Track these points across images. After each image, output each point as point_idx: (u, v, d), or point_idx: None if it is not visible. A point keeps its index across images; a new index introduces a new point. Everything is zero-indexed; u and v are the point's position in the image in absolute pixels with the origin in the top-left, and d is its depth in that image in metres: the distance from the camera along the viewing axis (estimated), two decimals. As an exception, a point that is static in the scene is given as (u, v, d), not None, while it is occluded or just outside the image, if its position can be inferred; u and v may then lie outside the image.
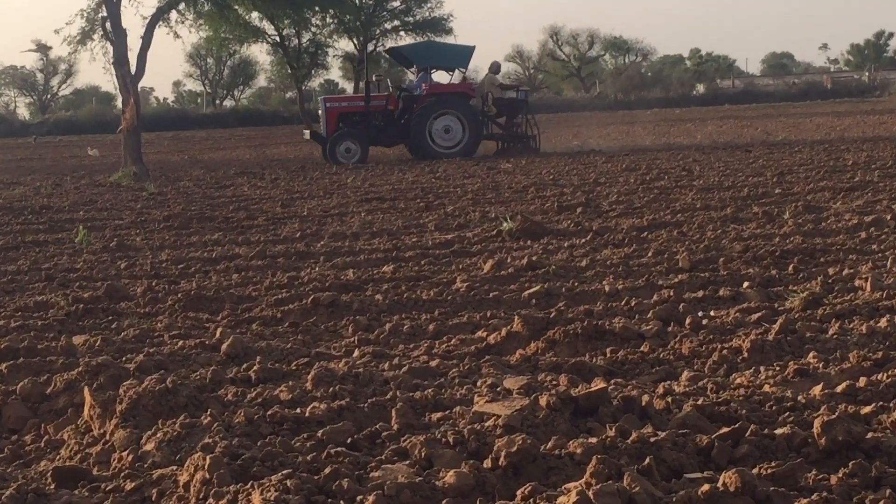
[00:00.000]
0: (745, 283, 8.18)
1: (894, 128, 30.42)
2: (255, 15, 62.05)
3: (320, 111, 27.16)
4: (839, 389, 4.92)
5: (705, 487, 3.62)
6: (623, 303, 7.74)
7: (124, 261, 10.90)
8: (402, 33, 64.14)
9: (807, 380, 5.29)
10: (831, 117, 40.51)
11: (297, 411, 4.85)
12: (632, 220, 12.37)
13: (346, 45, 63.89)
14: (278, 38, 64.24)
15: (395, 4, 63.20)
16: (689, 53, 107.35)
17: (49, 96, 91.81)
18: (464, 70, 27.63)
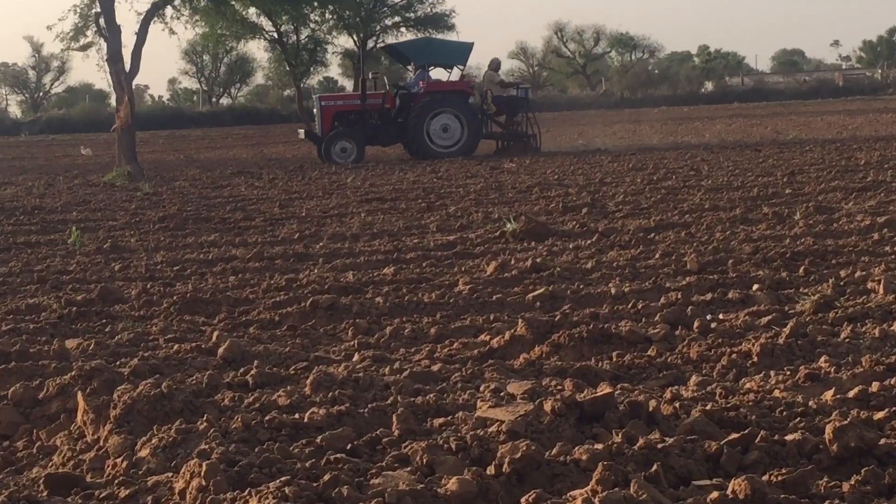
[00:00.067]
0: (755, 286, 8.18)
1: (908, 126, 30.42)
2: (252, 11, 62.17)
3: (315, 110, 27.17)
4: (851, 394, 4.92)
5: (714, 495, 3.62)
6: (630, 306, 7.74)
7: (118, 262, 10.91)
8: (403, 29, 64.15)
9: (818, 385, 5.28)
10: (843, 116, 40.51)
11: (296, 417, 4.86)
12: (638, 221, 12.37)
13: (345, 41, 63.96)
14: (276, 35, 64.28)
15: (396, 0, 63.18)
16: (697, 50, 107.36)
17: (41, 94, 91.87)
18: (462, 67, 27.60)
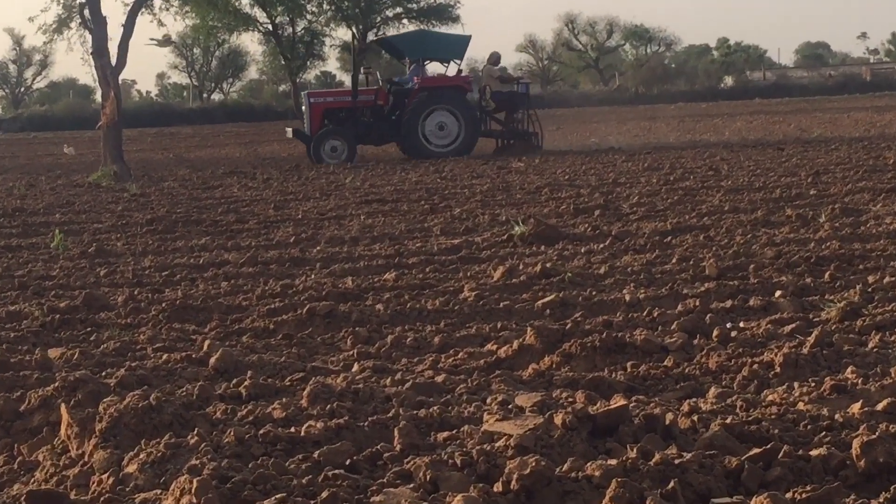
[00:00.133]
0: (778, 293, 8.18)
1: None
2: (245, 1, 62.21)
3: (303, 107, 27.10)
4: (880, 407, 4.91)
5: (734, 513, 3.62)
6: (645, 313, 7.74)
7: (104, 268, 10.92)
8: (406, 21, 64.24)
9: (844, 397, 5.28)
10: (871, 112, 40.50)
11: (292, 430, 4.86)
12: (654, 224, 12.37)
13: (344, 33, 64.18)
14: (271, 27, 64.38)
15: (398, -10, 63.20)
16: (716, 43, 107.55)
17: (22, 89, 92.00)
18: (459, 61, 27.58)
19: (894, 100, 52.93)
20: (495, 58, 28.61)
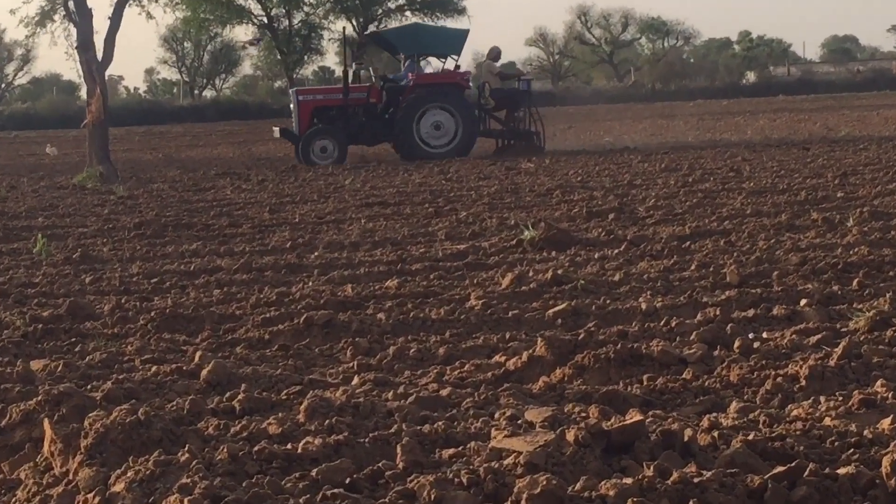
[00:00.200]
0: (803, 301, 8.17)
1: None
2: (239, -8, 62.25)
3: (291, 105, 27.06)
4: (911, 423, 4.92)
5: (757, 535, 3.62)
6: (662, 323, 7.74)
7: (89, 274, 10.93)
8: (409, 13, 64.35)
9: (874, 412, 5.28)
10: (902, 110, 40.50)
11: (288, 447, 4.86)
12: (672, 228, 12.37)
13: (343, 26, 64.11)
14: (266, 19, 64.52)
15: (400, -19, 63.32)
16: (737, 37, 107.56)
17: (3, 85, 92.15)
18: (457, 57, 27.57)
19: (926, 96, 52.94)
20: (495, 53, 28.57)
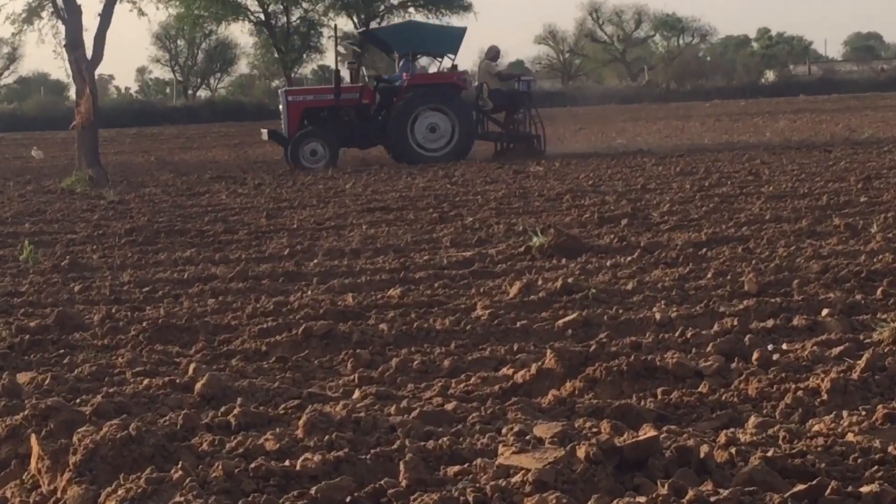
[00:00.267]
0: (825, 311, 8.17)
1: None
2: (235, -12, 62.31)
3: (280, 106, 27.01)
4: (938, 439, 4.92)
5: (777, 556, 3.63)
6: (677, 334, 7.74)
7: (78, 283, 10.94)
8: (412, 10, 64.36)
9: (899, 427, 5.28)
10: (928, 110, 40.47)
11: (286, 464, 4.87)
12: (687, 235, 12.37)
13: (344, 23, 64.21)
14: (263, 16, 64.58)
15: (403, -25, 63.41)
16: (756, 34, 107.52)
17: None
18: (453, 56, 27.52)
19: (954, 96, 52.90)
20: (493, 52, 28.53)
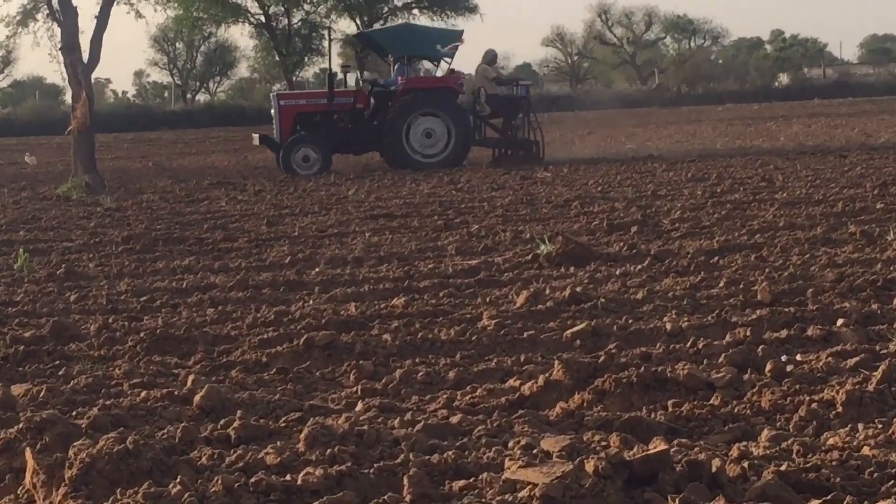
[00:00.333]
0: (840, 321, 8.16)
1: None
2: (234, -11, 62.36)
3: (272, 110, 27.00)
4: (956, 453, 4.91)
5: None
6: (688, 344, 7.74)
7: (74, 292, 10.95)
8: (416, 11, 64.42)
9: (916, 441, 5.27)
10: (946, 114, 40.47)
11: (287, 478, 4.87)
12: (699, 243, 12.37)
13: (347, 25, 64.38)
14: (263, 18, 64.65)
15: (407, -24, 63.46)
16: (769, 36, 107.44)
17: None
18: (450, 60, 27.53)
19: (973, 100, 52.88)
20: (490, 56, 28.45)
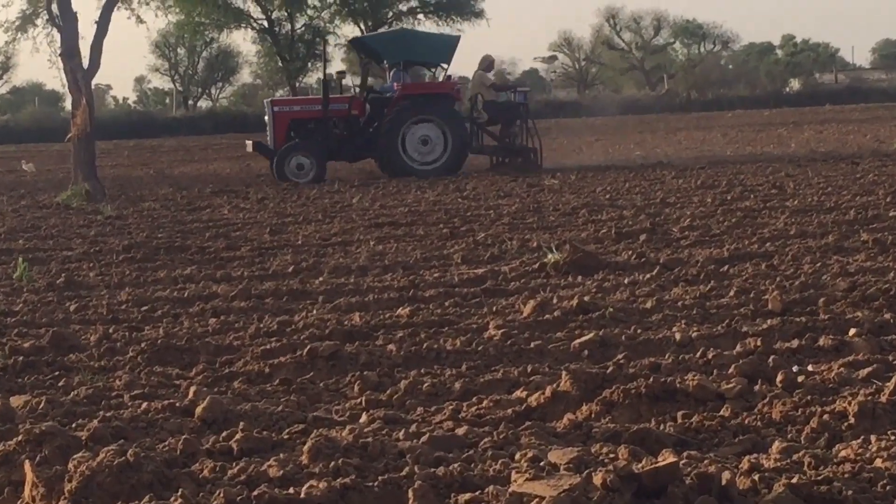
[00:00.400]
0: (852, 331, 8.16)
1: None
2: (237, -6, 62.35)
3: (266, 117, 26.98)
4: (971, 465, 4.91)
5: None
6: (698, 355, 7.73)
7: (74, 302, 10.96)
8: (421, 17, 64.46)
9: (930, 453, 5.27)
10: (960, 120, 40.44)
11: (291, 491, 4.87)
12: (709, 251, 12.36)
13: (350, 30, 64.36)
14: (266, 23, 64.70)
15: (412, -20, 63.44)
16: (780, 41, 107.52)
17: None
18: (447, 66, 27.51)
19: None
20: (488, 62, 28.43)
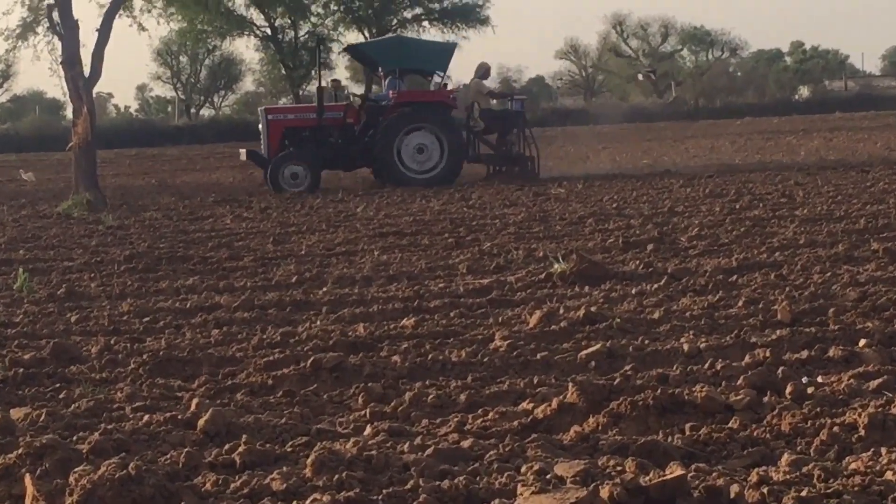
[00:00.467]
0: (862, 341, 8.15)
1: None
2: (239, 1, 62.53)
3: (260, 125, 26.94)
4: (983, 478, 4.90)
5: None
6: (706, 366, 7.73)
7: (75, 313, 10.97)
8: (426, 24, 64.52)
9: (941, 465, 5.26)
10: (972, 128, 40.42)
11: (294, 505, 4.87)
12: (717, 261, 12.36)
13: (354, 38, 64.41)
14: (269, 31, 64.76)
15: (418, -14, 63.54)
16: (789, 48, 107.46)
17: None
18: (443, 74, 27.49)
19: None
20: (484, 70, 28.40)
